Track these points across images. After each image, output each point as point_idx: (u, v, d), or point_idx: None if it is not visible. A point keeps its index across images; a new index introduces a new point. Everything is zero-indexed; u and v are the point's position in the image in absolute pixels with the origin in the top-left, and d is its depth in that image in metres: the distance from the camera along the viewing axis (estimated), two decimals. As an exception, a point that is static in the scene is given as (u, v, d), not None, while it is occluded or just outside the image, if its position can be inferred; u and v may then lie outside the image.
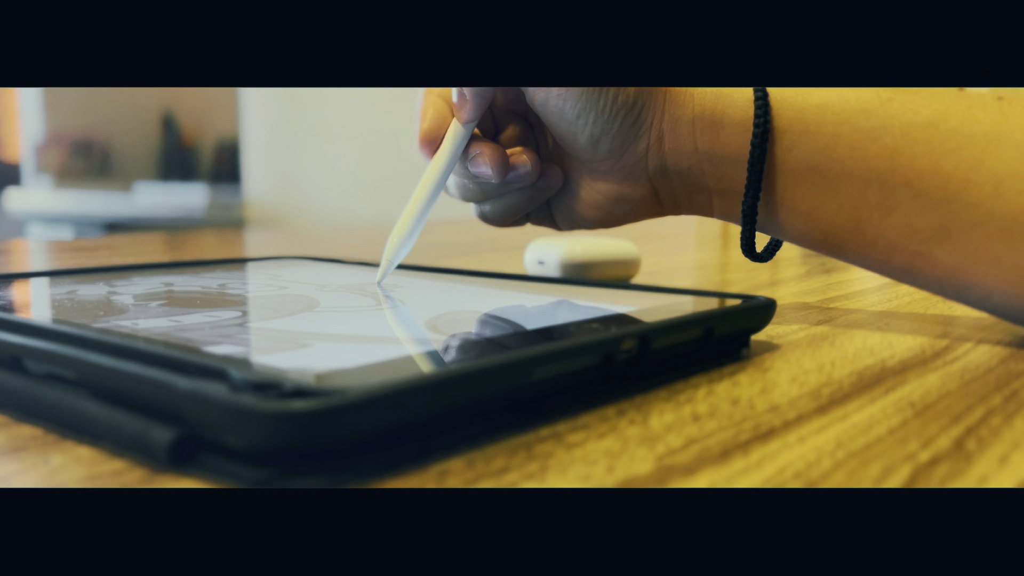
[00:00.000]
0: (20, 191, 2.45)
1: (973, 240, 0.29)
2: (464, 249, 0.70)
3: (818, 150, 0.31)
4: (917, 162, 0.29)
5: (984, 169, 0.28)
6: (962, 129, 0.29)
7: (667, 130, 0.33)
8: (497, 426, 0.19)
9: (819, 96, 0.31)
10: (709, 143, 0.32)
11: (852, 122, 0.30)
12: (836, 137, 0.31)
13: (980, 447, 0.19)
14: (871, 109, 0.30)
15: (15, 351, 0.21)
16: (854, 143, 0.30)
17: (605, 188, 0.35)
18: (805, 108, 0.31)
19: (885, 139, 0.30)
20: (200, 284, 0.33)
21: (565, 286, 0.34)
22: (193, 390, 0.16)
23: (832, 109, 0.31)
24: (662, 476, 0.17)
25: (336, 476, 0.16)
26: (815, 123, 0.31)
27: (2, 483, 0.16)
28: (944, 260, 0.30)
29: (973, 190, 0.28)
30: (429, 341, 0.23)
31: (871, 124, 0.30)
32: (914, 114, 0.30)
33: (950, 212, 0.29)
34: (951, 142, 0.29)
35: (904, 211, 0.30)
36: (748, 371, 0.25)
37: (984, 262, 0.29)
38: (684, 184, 0.34)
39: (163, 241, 0.76)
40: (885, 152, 0.30)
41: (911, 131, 0.29)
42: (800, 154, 0.31)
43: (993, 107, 0.29)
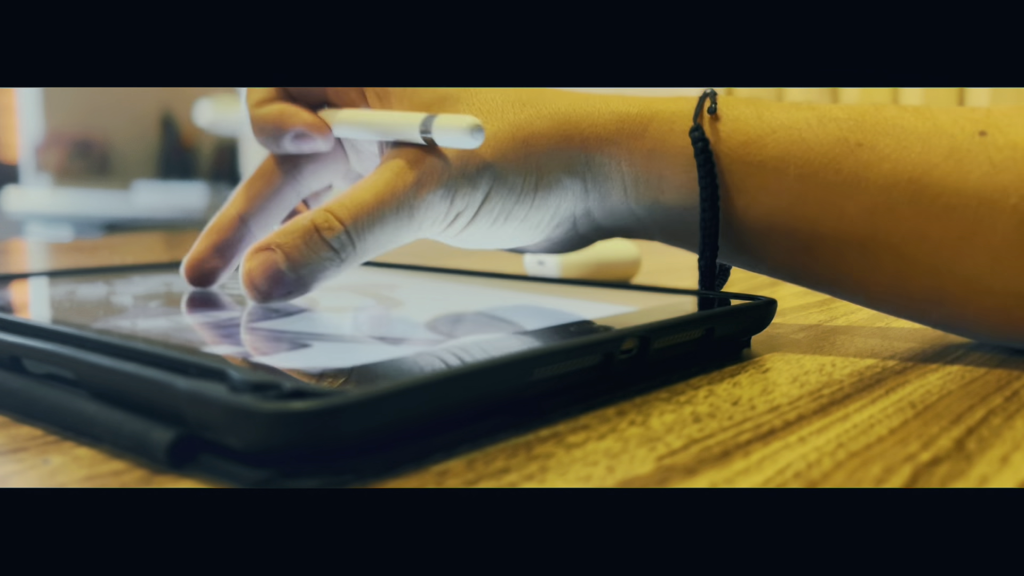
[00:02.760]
0: (19, 191, 2.45)
1: (972, 310, 0.26)
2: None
3: (783, 209, 0.27)
4: (902, 226, 0.26)
5: (977, 239, 0.25)
6: (948, 183, 0.25)
7: (594, 206, 0.30)
8: (497, 426, 0.19)
9: (774, 145, 0.27)
10: (649, 205, 0.29)
11: (819, 177, 0.26)
12: (803, 195, 0.27)
13: (981, 447, 0.19)
14: (840, 159, 0.26)
15: (14, 351, 0.21)
16: (824, 200, 0.26)
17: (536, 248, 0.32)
18: (762, 163, 0.27)
19: (862, 198, 0.26)
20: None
21: (565, 286, 0.34)
22: (192, 390, 0.16)
23: (794, 162, 0.27)
24: (662, 477, 0.17)
25: (336, 476, 0.16)
26: (775, 180, 0.27)
27: (2, 483, 0.16)
28: (941, 320, 0.27)
29: (967, 261, 0.25)
30: (429, 341, 0.23)
31: (842, 180, 0.26)
32: (891, 166, 0.26)
33: (942, 282, 0.26)
34: (937, 203, 0.25)
35: (890, 274, 0.27)
36: (748, 371, 0.25)
37: (985, 328, 0.27)
38: (624, 232, 0.31)
39: (162, 241, 0.76)
40: (864, 212, 0.26)
41: (891, 190, 0.26)
42: (759, 214, 0.28)
43: (979, 151, 0.25)
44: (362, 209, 0.25)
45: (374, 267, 0.40)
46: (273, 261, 0.25)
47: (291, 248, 0.25)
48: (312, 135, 0.29)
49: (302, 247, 0.25)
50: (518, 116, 0.28)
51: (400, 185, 0.26)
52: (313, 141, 0.29)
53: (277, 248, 0.25)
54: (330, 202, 0.26)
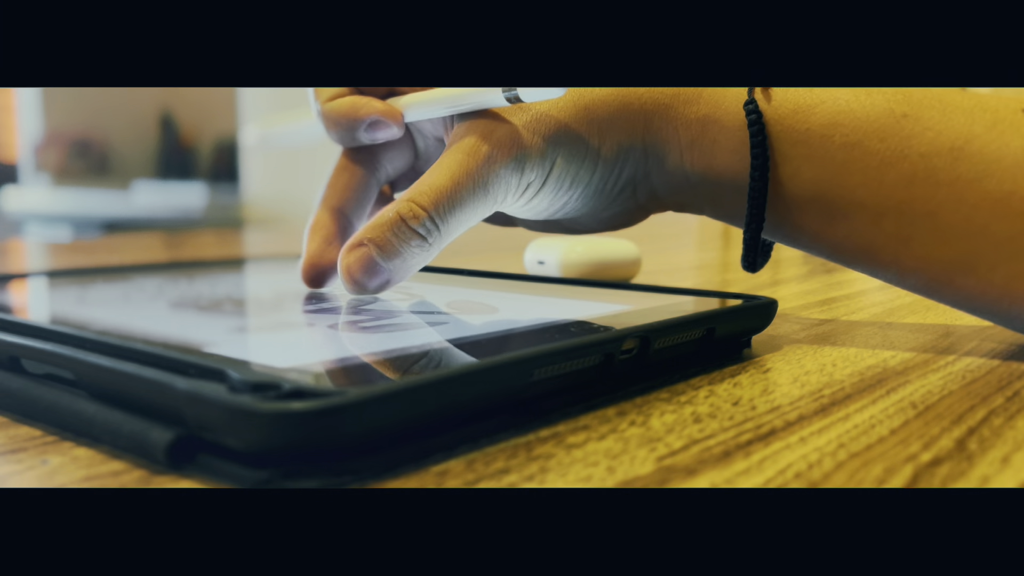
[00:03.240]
0: (18, 190, 2.45)
1: (1001, 274, 0.26)
2: (464, 249, 0.70)
3: (826, 178, 0.28)
4: (940, 191, 0.26)
5: (1014, 200, 0.26)
6: (988, 152, 0.26)
7: (653, 169, 0.30)
8: (497, 427, 0.19)
9: (823, 114, 0.28)
10: (702, 174, 0.30)
11: (864, 145, 0.27)
12: (846, 163, 0.27)
13: (982, 448, 0.19)
14: (884, 129, 0.27)
15: (13, 351, 0.21)
16: (867, 169, 0.27)
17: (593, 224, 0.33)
18: (808, 131, 0.28)
19: (903, 165, 0.27)
20: (203, 285, 0.33)
21: (565, 286, 0.34)
22: (192, 391, 0.16)
23: (840, 131, 0.27)
24: (663, 477, 0.17)
25: (335, 477, 0.16)
26: (821, 148, 0.28)
27: (1, 483, 0.16)
28: (966, 290, 0.27)
29: (1002, 224, 0.26)
30: (429, 341, 0.23)
31: (886, 148, 0.27)
32: (934, 134, 0.26)
33: (975, 246, 0.26)
34: (977, 168, 0.26)
35: (923, 242, 0.27)
36: (749, 371, 0.25)
37: (1011, 294, 0.27)
38: (676, 203, 0.32)
39: (162, 241, 0.76)
40: (903, 180, 0.27)
41: (931, 155, 0.26)
42: (805, 181, 0.28)
43: (1021, 125, 0.26)
44: (441, 193, 0.26)
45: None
46: (368, 255, 0.26)
47: (382, 241, 0.26)
48: (386, 122, 0.30)
49: (392, 238, 0.26)
50: (582, 89, 0.29)
51: (473, 164, 0.27)
52: (388, 128, 0.30)
53: (369, 243, 0.26)
54: (410, 191, 0.27)
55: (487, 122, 0.27)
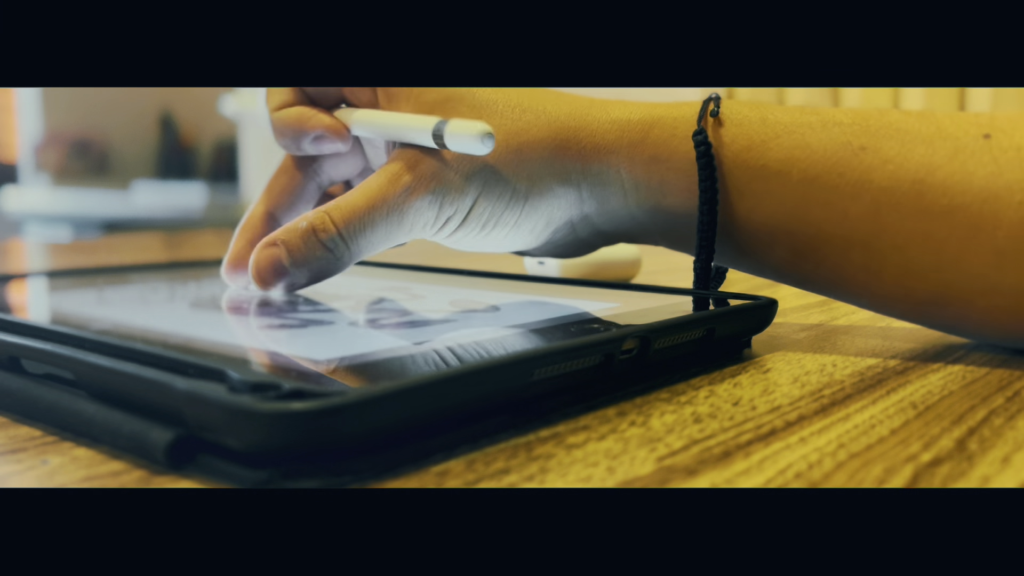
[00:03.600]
0: (18, 190, 2.45)
1: (977, 311, 0.26)
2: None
3: (787, 212, 0.27)
4: (905, 224, 0.26)
5: (982, 236, 0.25)
6: (951, 184, 0.25)
7: (592, 211, 0.30)
8: (497, 427, 0.19)
9: (778, 149, 0.27)
10: (651, 209, 0.29)
11: (822, 180, 0.26)
12: (806, 198, 0.27)
13: (982, 448, 0.19)
14: (842, 163, 0.26)
15: (13, 351, 0.21)
16: (828, 203, 0.26)
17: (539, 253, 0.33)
18: (765, 167, 0.27)
19: (865, 198, 0.26)
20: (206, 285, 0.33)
21: (565, 286, 0.34)
22: (191, 391, 0.16)
23: (798, 166, 0.27)
24: (663, 477, 0.17)
25: (335, 477, 0.16)
26: (778, 183, 0.27)
27: (1, 484, 0.16)
28: (945, 320, 0.27)
29: (972, 259, 0.25)
30: (428, 341, 0.23)
31: (845, 182, 0.26)
32: (895, 168, 0.26)
33: (949, 280, 0.26)
34: (942, 203, 0.25)
35: (895, 275, 0.26)
36: (749, 372, 0.25)
37: (990, 328, 0.26)
38: (626, 237, 0.31)
39: (161, 241, 0.76)
40: (868, 213, 0.26)
41: (894, 191, 0.26)
42: (766, 217, 0.27)
43: (982, 152, 0.25)
44: (354, 213, 0.27)
45: (374, 267, 0.40)
46: (277, 256, 0.27)
47: (292, 246, 0.27)
48: (331, 137, 0.30)
49: (301, 246, 0.27)
50: (515, 123, 0.28)
51: (391, 191, 0.27)
52: (332, 143, 0.30)
53: (281, 244, 0.27)
54: (328, 205, 0.27)
55: (416, 153, 0.27)
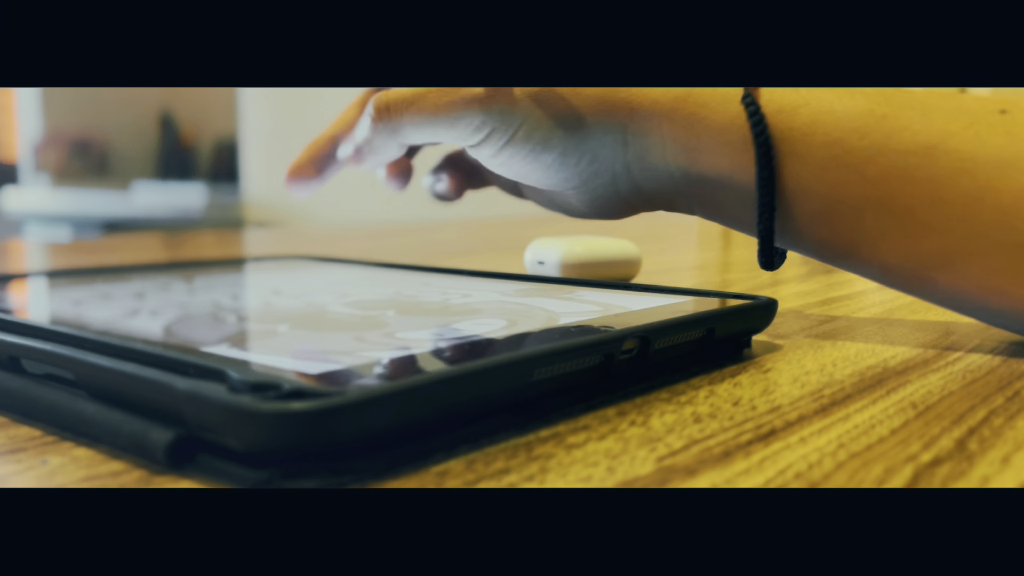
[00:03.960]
0: (18, 190, 2.45)
1: (976, 270, 0.27)
2: (464, 249, 0.70)
3: (808, 174, 0.29)
4: (917, 188, 0.27)
5: (989, 197, 0.26)
6: (965, 151, 0.26)
7: (633, 161, 0.31)
8: (497, 427, 0.19)
9: (805, 115, 0.29)
10: (685, 170, 0.31)
11: (845, 143, 0.28)
12: (828, 159, 0.28)
13: (982, 448, 0.19)
14: (865, 128, 0.28)
15: (13, 351, 0.21)
16: (848, 166, 0.28)
17: (579, 205, 0.35)
18: (792, 130, 0.29)
19: (881, 162, 0.27)
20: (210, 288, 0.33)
21: (565, 286, 0.34)
22: (191, 391, 0.16)
23: (821, 129, 0.28)
24: (663, 477, 0.17)
25: (335, 477, 0.16)
26: (803, 144, 0.28)
27: (0, 484, 0.16)
28: (946, 286, 0.28)
29: (977, 219, 0.26)
30: (429, 341, 0.23)
31: (865, 145, 0.28)
32: (912, 134, 0.27)
33: (952, 241, 0.27)
34: (953, 166, 0.26)
35: (902, 237, 0.28)
36: (749, 372, 0.25)
37: (990, 289, 0.27)
38: (660, 199, 0.33)
39: (161, 241, 0.76)
40: (882, 175, 0.27)
41: (910, 154, 0.27)
42: (788, 177, 0.29)
43: (998, 124, 0.27)
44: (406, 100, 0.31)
45: (375, 267, 0.40)
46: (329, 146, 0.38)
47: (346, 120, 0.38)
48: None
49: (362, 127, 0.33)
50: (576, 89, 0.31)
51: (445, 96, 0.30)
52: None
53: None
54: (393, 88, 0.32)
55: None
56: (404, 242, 0.77)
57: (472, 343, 0.22)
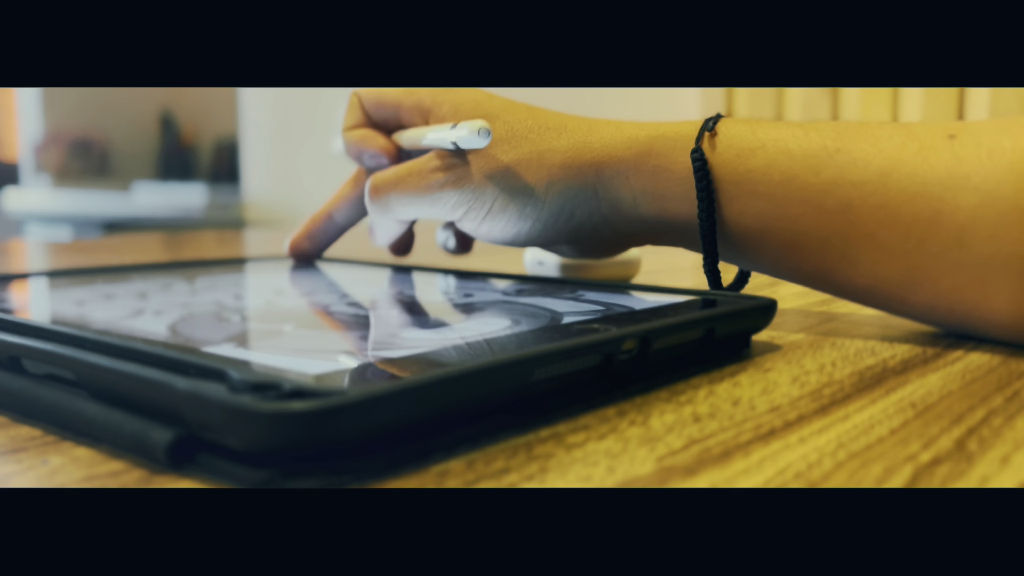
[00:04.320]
0: (19, 191, 2.45)
1: (945, 288, 0.28)
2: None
3: (769, 211, 0.30)
4: (874, 214, 0.28)
5: (943, 218, 0.27)
6: (916, 175, 0.28)
7: (608, 213, 0.33)
8: (497, 427, 0.19)
9: (762, 156, 0.30)
10: (656, 215, 0.33)
11: (801, 179, 0.29)
12: (786, 198, 0.30)
13: (981, 447, 0.19)
14: (819, 164, 0.29)
15: (14, 351, 0.21)
16: (806, 200, 0.29)
17: (575, 254, 0.37)
18: (750, 171, 0.30)
19: (838, 193, 0.29)
20: (211, 290, 0.33)
21: (565, 286, 0.34)
22: (192, 390, 0.16)
23: (778, 169, 0.30)
24: (663, 477, 0.17)
25: (335, 477, 0.16)
26: (763, 185, 0.30)
27: (1, 483, 0.16)
28: (919, 305, 0.29)
29: (935, 240, 0.27)
30: (429, 341, 0.23)
31: (821, 180, 0.29)
32: (865, 164, 0.28)
33: (915, 263, 0.28)
34: (906, 191, 0.28)
35: (869, 263, 0.29)
36: (749, 371, 0.25)
37: (961, 307, 0.28)
38: (643, 238, 0.35)
39: (162, 241, 0.76)
40: (840, 207, 0.29)
41: (865, 183, 0.28)
42: (751, 218, 0.31)
43: (944, 149, 0.28)
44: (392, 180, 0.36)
45: (375, 267, 0.40)
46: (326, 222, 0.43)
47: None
48: (382, 156, 0.39)
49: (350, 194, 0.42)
50: (541, 141, 0.34)
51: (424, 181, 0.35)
52: (383, 160, 0.39)
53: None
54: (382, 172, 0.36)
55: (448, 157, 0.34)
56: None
57: (472, 343, 0.22)
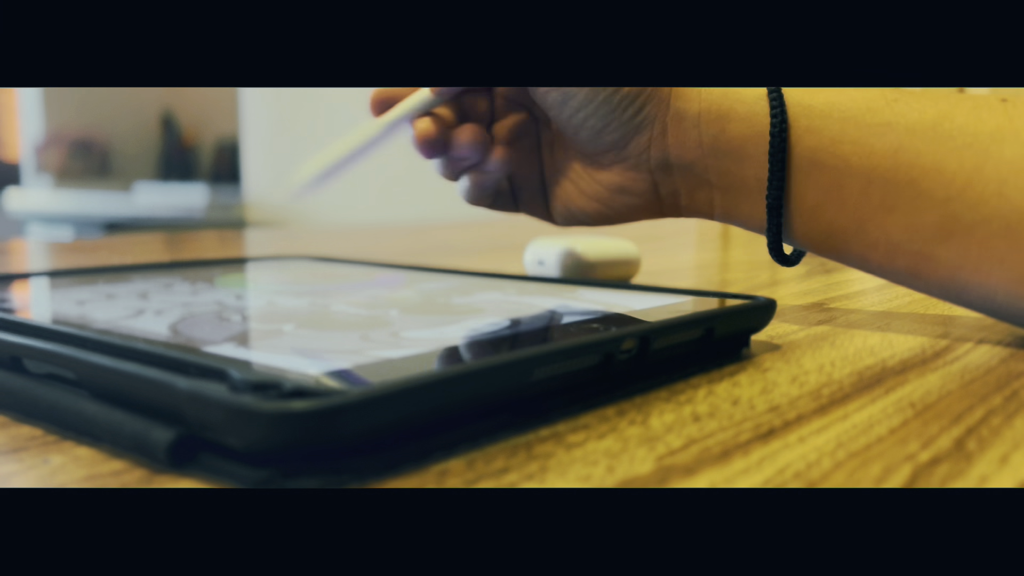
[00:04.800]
0: (20, 191, 2.45)
1: (976, 239, 0.29)
2: (464, 249, 0.70)
3: (822, 146, 0.31)
4: (921, 160, 0.29)
5: (988, 168, 0.28)
6: (967, 128, 0.29)
7: (671, 123, 0.33)
8: (497, 426, 0.19)
9: (824, 95, 0.31)
10: (715, 137, 0.33)
11: (857, 119, 0.30)
12: (840, 133, 0.31)
13: (980, 447, 0.19)
14: (876, 108, 0.30)
15: (15, 351, 0.21)
16: (858, 139, 0.30)
17: (606, 179, 0.35)
18: (811, 105, 0.31)
19: (889, 136, 0.30)
20: (212, 292, 0.33)
21: (565, 286, 0.34)
22: (193, 390, 0.16)
23: (837, 107, 0.31)
24: (662, 476, 0.17)
25: (336, 476, 0.16)
26: (820, 119, 0.31)
27: (2, 483, 0.16)
28: (947, 260, 0.29)
29: (976, 188, 0.28)
30: (429, 341, 0.23)
31: (876, 121, 0.30)
32: (919, 113, 0.30)
33: (953, 211, 0.29)
34: (955, 140, 0.29)
35: (907, 210, 0.30)
36: (748, 371, 0.25)
37: (987, 262, 0.29)
38: (686, 180, 0.34)
39: (163, 241, 0.76)
40: (889, 149, 0.30)
41: (915, 129, 0.29)
42: (803, 150, 0.31)
43: (997, 108, 0.29)
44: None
45: (375, 267, 0.40)
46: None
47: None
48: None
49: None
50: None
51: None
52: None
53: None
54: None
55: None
56: (405, 242, 0.77)
57: (473, 343, 0.22)
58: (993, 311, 0.30)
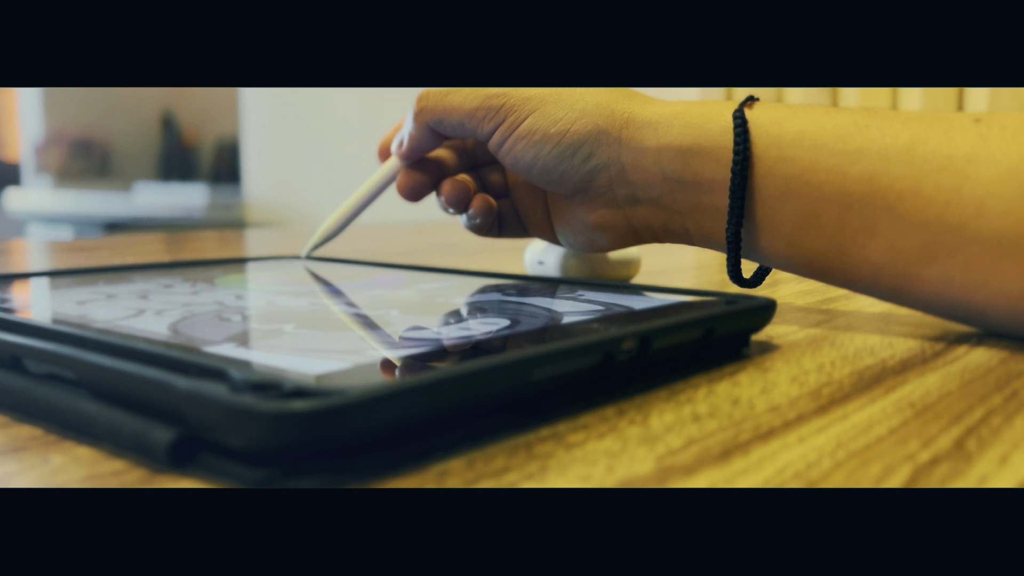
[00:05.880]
0: (20, 191, 2.45)
1: (959, 262, 0.28)
2: (464, 249, 0.70)
3: (795, 175, 0.31)
4: (897, 184, 0.29)
5: (965, 190, 0.28)
6: (941, 150, 0.28)
7: (628, 163, 0.33)
8: (497, 426, 0.19)
9: (795, 123, 0.31)
10: (679, 172, 0.33)
11: (829, 146, 0.30)
12: (813, 163, 0.30)
13: (980, 447, 0.19)
14: (847, 134, 0.30)
15: (15, 351, 0.21)
16: (832, 167, 0.30)
17: (586, 217, 0.37)
18: (780, 136, 0.31)
19: (863, 163, 0.29)
20: (213, 293, 0.33)
21: (565, 286, 0.34)
22: (193, 390, 0.16)
23: (808, 135, 0.30)
24: (662, 476, 0.17)
25: (336, 476, 0.16)
26: (791, 148, 0.31)
27: (2, 483, 0.16)
28: (932, 281, 0.29)
29: (955, 211, 0.28)
30: (429, 341, 0.23)
31: (848, 148, 0.30)
32: (892, 138, 0.29)
33: (933, 234, 0.28)
34: (930, 164, 0.28)
35: (887, 234, 0.29)
36: (748, 371, 0.25)
37: (972, 283, 0.28)
38: (656, 212, 0.35)
39: (163, 241, 0.76)
40: (864, 175, 0.29)
41: (889, 154, 0.29)
42: (776, 180, 0.31)
43: (971, 129, 0.29)
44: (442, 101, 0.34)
45: (376, 267, 0.40)
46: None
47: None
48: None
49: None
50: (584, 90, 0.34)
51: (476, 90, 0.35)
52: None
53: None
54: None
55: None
56: (405, 242, 0.77)
57: (473, 343, 0.22)
58: (984, 327, 0.30)
